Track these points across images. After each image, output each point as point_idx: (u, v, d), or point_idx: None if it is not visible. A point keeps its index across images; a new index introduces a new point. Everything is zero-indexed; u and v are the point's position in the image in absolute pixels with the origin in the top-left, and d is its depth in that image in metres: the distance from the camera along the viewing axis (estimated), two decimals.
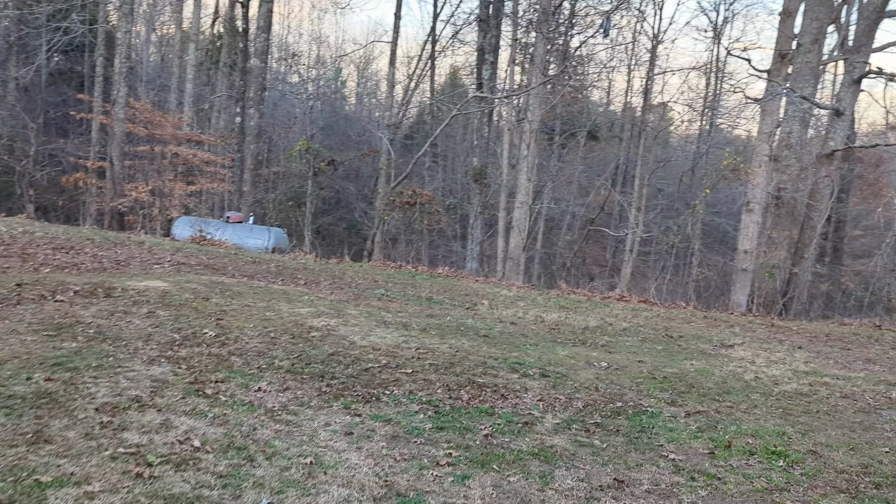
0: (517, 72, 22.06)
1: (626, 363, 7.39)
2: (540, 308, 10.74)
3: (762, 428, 5.52)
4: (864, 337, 11.20)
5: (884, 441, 5.53)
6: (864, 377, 7.89)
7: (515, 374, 6.43)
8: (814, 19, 16.20)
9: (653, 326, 10.10)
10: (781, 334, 10.68)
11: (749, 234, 18.35)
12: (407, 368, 6.24)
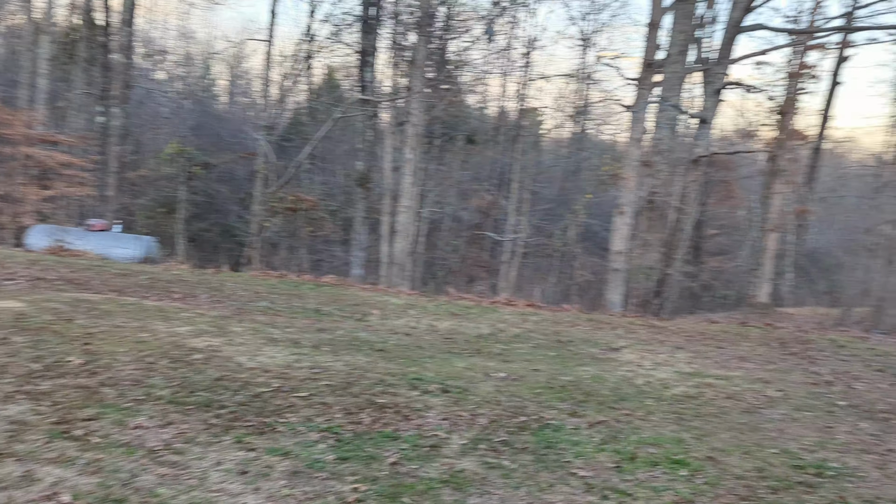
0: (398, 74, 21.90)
1: (524, 372, 7.36)
2: (431, 316, 10.59)
3: (661, 436, 5.61)
4: (733, 334, 11.87)
5: (770, 441, 5.78)
6: (741, 376, 8.29)
7: (416, 392, 6.21)
8: (680, 31, 17.09)
9: (542, 331, 10.19)
10: (661, 335, 11.09)
11: (621, 236, 19.13)
12: (301, 391, 5.87)
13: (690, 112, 16.28)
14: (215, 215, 26.02)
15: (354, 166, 19.41)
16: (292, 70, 23.38)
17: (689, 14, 17.03)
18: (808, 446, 5.71)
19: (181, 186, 18.61)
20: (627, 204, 18.57)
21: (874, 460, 5.54)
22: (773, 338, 11.82)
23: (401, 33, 18.58)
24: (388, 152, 19.87)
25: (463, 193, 25.18)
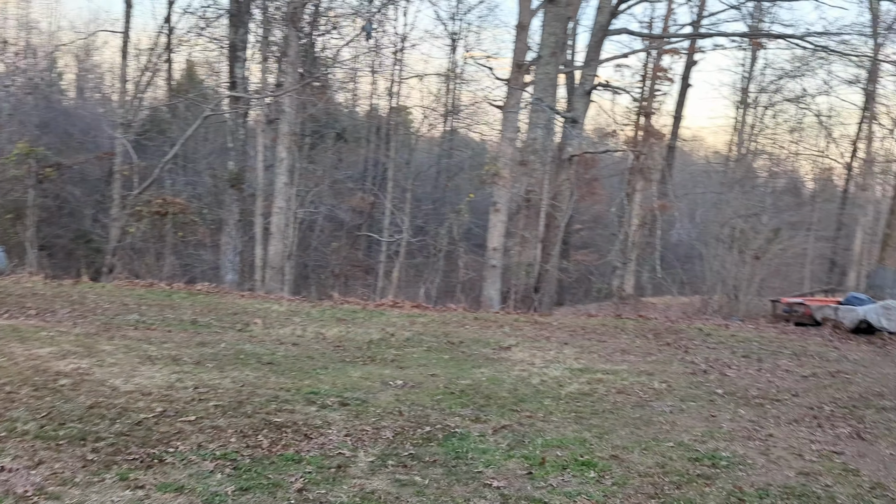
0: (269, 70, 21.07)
1: (421, 378, 7.23)
2: (317, 323, 10.24)
3: (564, 437, 5.65)
4: (612, 327, 12.35)
5: (665, 435, 5.97)
6: (626, 369, 8.59)
7: (313, 407, 5.91)
8: (550, 34, 17.60)
9: (433, 333, 10.12)
10: (546, 331, 11.34)
11: (497, 233, 19.54)
12: (189, 415, 5.42)
13: (564, 113, 16.80)
14: (68, 220, 23.97)
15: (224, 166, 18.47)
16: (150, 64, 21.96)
17: (558, 17, 17.57)
18: (698, 437, 5.95)
19: (30, 190, 16.96)
20: (502, 202, 18.97)
21: (758, 446, 5.85)
22: (647, 329, 12.40)
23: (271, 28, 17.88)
24: (260, 151, 19.10)
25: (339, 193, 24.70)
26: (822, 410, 7.32)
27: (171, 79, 27.49)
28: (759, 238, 18.63)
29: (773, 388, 8.29)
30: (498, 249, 19.19)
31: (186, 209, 17.13)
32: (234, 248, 17.46)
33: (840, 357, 11.25)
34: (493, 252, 19.16)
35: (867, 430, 6.73)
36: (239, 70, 17.00)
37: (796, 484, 5.01)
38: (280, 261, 18.22)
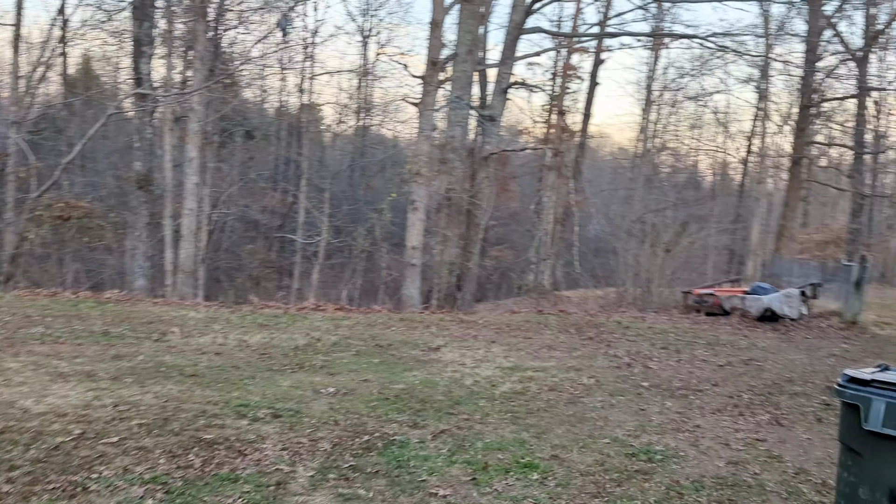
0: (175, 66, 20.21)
1: (353, 385, 7.08)
2: (239, 329, 9.88)
3: (503, 439, 5.65)
4: (535, 323, 12.52)
5: (600, 431, 6.07)
6: (555, 366, 8.71)
7: (245, 421, 5.67)
8: (467, 31, 17.65)
9: (360, 336, 9.95)
10: (472, 329, 11.37)
11: (416, 232, 19.48)
12: (111, 436, 5.08)
13: (482, 111, 16.90)
14: None
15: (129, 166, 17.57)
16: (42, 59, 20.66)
17: (474, 15, 17.64)
18: (632, 432, 6.08)
19: None
20: (420, 200, 18.92)
21: (687, 438, 6.04)
22: (569, 324, 12.64)
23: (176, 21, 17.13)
24: (167, 150, 18.30)
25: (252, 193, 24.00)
26: (741, 399, 7.65)
27: (66, 74, 25.99)
28: (669, 232, 19.35)
29: (693, 378, 8.60)
30: (417, 248, 19.13)
31: (91, 213, 16.20)
32: (143, 252, 16.66)
33: (750, 345, 11.82)
34: (412, 251, 19.08)
35: (784, 415, 7.07)
36: (144, 66, 16.20)
37: (727, 474, 5.19)
38: (192, 264, 17.52)
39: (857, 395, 3.26)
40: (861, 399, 3.25)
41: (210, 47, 17.15)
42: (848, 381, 3.36)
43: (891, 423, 3.15)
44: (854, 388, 3.29)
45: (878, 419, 3.18)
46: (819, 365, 10.33)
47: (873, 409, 3.20)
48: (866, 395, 3.23)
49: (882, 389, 3.23)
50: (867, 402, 3.22)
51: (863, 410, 3.23)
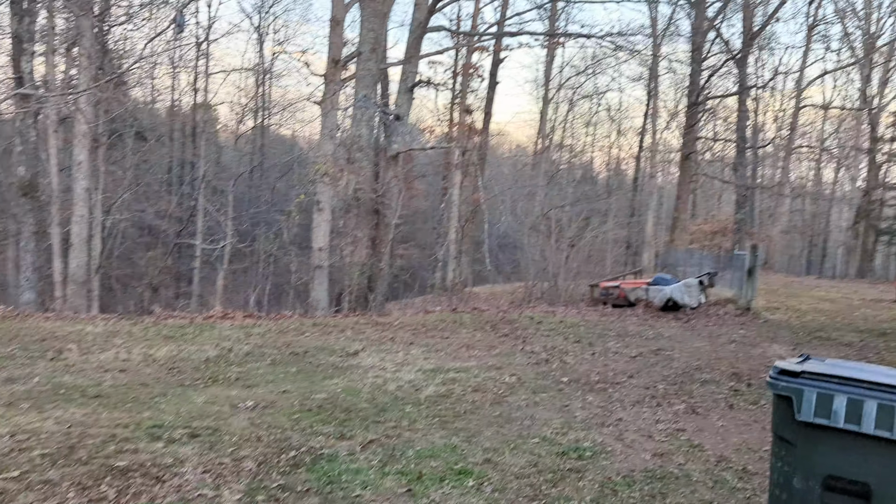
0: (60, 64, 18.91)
1: (272, 397, 6.79)
2: (142, 343, 9.31)
3: (434, 445, 5.55)
4: (451, 322, 12.51)
5: (528, 431, 6.08)
6: (476, 365, 8.70)
7: (160, 443, 5.31)
8: (370, 30, 17.43)
9: (273, 345, 9.61)
10: (388, 332, 11.22)
11: (322, 233, 19.12)
12: (11, 470, 4.63)
13: (389, 110, 16.72)
14: None
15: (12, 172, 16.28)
16: None
17: (376, 13, 17.44)
18: (559, 429, 6.12)
19: None
20: (326, 201, 18.56)
21: (612, 432, 6.15)
22: (484, 322, 12.70)
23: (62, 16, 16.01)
24: (53, 154, 17.12)
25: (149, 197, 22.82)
26: (656, 390, 7.88)
27: None
28: (573, 227, 19.84)
29: (609, 371, 8.80)
30: (324, 250, 18.76)
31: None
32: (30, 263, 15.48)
33: (657, 335, 12.26)
34: (318, 253, 18.69)
35: (698, 404, 7.33)
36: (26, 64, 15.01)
37: (654, 467, 5.31)
38: (84, 274, 16.46)
39: (790, 387, 3.36)
40: (793, 391, 3.35)
41: (97, 44, 16.13)
42: (779, 373, 3.46)
43: (822, 412, 3.27)
44: (786, 381, 3.39)
45: (810, 410, 3.29)
46: (722, 352, 10.82)
47: (805, 400, 3.31)
48: (798, 387, 3.34)
49: (812, 380, 3.35)
50: (799, 393, 3.33)
51: (795, 402, 3.33)
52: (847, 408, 3.22)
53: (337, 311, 15.71)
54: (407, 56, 17.22)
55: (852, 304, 20.39)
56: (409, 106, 17.33)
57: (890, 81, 43.96)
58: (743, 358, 10.32)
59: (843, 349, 11.75)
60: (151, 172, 26.27)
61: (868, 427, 3.16)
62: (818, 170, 52.23)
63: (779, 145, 42.29)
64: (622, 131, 55.69)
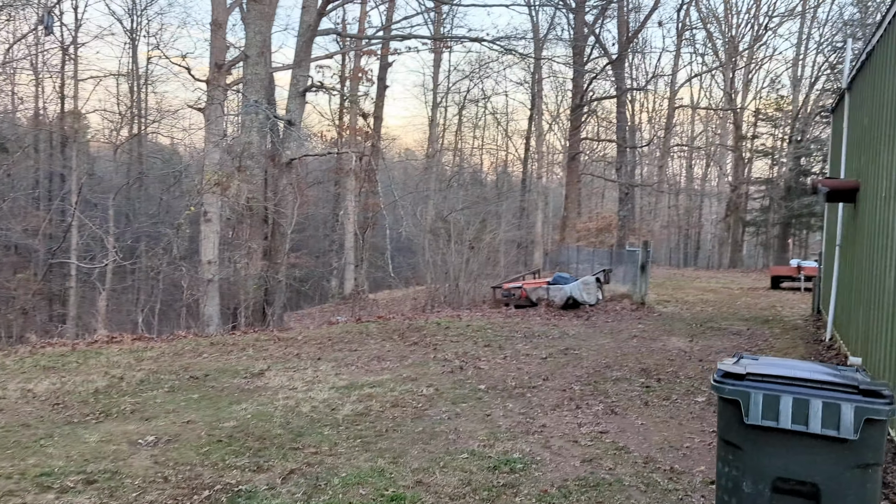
0: None
1: (176, 429, 6.25)
2: (19, 376, 8.41)
3: (360, 470, 5.25)
4: (357, 333, 12.16)
5: (454, 446, 5.87)
6: (390, 378, 8.42)
7: (51, 494, 4.71)
8: (257, 32, 16.75)
9: (169, 369, 8.93)
10: (293, 347, 10.74)
11: (210, 245, 18.21)
12: None
13: (280, 115, 16.10)
14: None
15: None
16: None
17: (263, 15, 16.78)
18: (485, 441, 5.97)
19: None
20: (214, 211, 17.69)
21: (538, 440, 6.05)
22: (390, 331, 12.43)
23: None
24: None
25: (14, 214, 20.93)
26: (573, 391, 7.90)
27: None
28: (471, 229, 19.90)
29: (524, 375, 8.76)
30: (213, 263, 17.86)
31: None
32: None
33: (562, 334, 12.41)
34: (208, 266, 17.78)
35: (615, 403, 7.39)
36: None
37: (586, 474, 5.24)
38: None
39: (736, 391, 3.33)
40: (740, 394, 3.32)
41: None
42: (723, 376, 3.43)
43: (770, 414, 3.26)
44: (732, 384, 3.36)
45: (757, 412, 3.27)
46: (626, 347, 11.08)
47: (752, 403, 3.28)
48: (744, 390, 3.31)
49: (758, 382, 3.33)
50: (746, 396, 3.30)
51: (743, 405, 3.30)
52: (793, 408, 3.22)
53: (233, 327, 14.96)
54: (297, 60, 16.65)
55: (733, 294, 21.63)
56: (301, 111, 16.77)
57: (751, 83, 47.25)
58: (647, 353, 10.60)
59: (735, 338, 12.33)
60: (17, 187, 24.10)
61: (815, 426, 3.17)
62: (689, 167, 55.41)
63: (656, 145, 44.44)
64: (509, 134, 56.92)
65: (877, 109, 8.42)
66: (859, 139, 9.88)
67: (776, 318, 15.27)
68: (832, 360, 10.01)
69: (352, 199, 28.45)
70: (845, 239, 10.93)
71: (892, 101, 7.34)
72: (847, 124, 11.29)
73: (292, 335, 11.93)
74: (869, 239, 8.17)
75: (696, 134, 53.90)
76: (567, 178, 33.72)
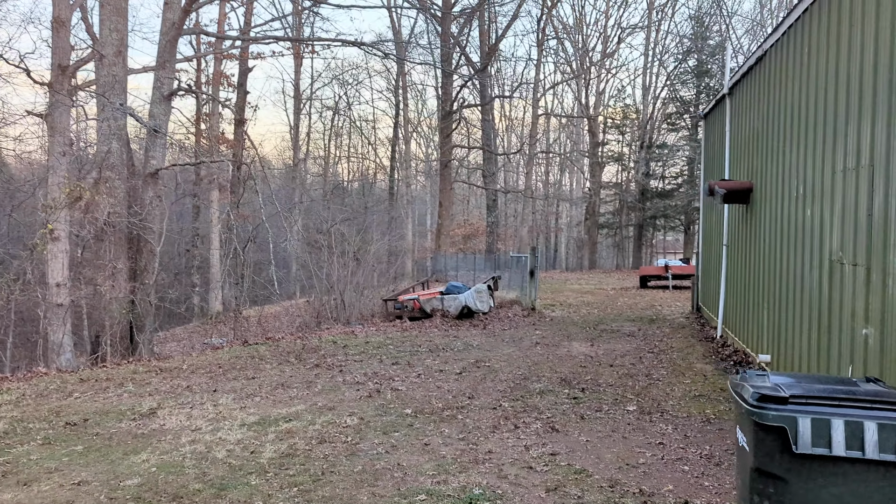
0: None
1: (66, 494, 5.18)
2: None
3: None
4: (248, 358, 11.15)
5: (405, 485, 5.27)
6: (305, 409, 7.64)
7: None
8: (112, 30, 15.16)
9: (37, 416, 7.62)
10: (180, 379, 9.61)
11: (59, 265, 16.30)
12: None
13: (144, 121, 14.60)
14: None
15: None
16: None
17: (119, 10, 15.21)
18: (436, 476, 5.41)
19: None
20: (62, 228, 15.82)
21: (492, 470, 5.58)
22: (285, 353, 11.53)
23: None
24: None
25: None
26: (504, 409, 7.50)
27: None
28: (355, 240, 19.17)
29: (447, 394, 8.27)
30: (63, 285, 15.96)
31: None
32: None
33: (465, 345, 12.05)
34: (56, 290, 15.86)
35: (551, 419, 7.07)
36: None
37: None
38: None
39: (781, 416, 3.02)
40: (786, 420, 3.01)
41: None
42: (761, 400, 3.10)
43: (820, 441, 2.97)
44: (775, 409, 3.04)
45: (807, 440, 2.97)
46: (533, 356, 10.88)
47: (801, 430, 2.98)
48: (791, 415, 3.00)
49: (803, 405, 3.04)
50: (793, 422, 2.99)
51: (790, 432, 2.99)
52: (846, 433, 2.95)
53: (96, 357, 13.34)
54: (160, 61, 15.22)
55: (609, 295, 22.32)
56: (167, 117, 15.34)
57: (603, 93, 49.63)
58: (556, 361, 10.45)
59: (632, 340, 12.52)
60: None
61: (871, 452, 2.91)
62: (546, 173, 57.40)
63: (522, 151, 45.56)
64: (373, 143, 56.41)
65: (774, 112, 8.71)
66: (748, 142, 10.27)
67: (660, 318, 15.78)
68: (732, 358, 10.31)
69: (217, 212, 26.74)
70: (734, 239, 11.35)
71: (796, 102, 7.57)
72: (730, 127, 11.76)
73: (175, 364, 10.72)
74: (775, 238, 8.41)
75: (553, 141, 55.98)
76: (440, 185, 33.66)
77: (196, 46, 33.12)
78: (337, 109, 51.46)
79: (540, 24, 40.44)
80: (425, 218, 58.06)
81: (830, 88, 6.38)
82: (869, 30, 5.48)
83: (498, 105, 48.23)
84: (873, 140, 5.36)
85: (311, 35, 36.06)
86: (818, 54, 6.83)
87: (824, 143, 6.55)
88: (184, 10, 14.89)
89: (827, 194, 6.43)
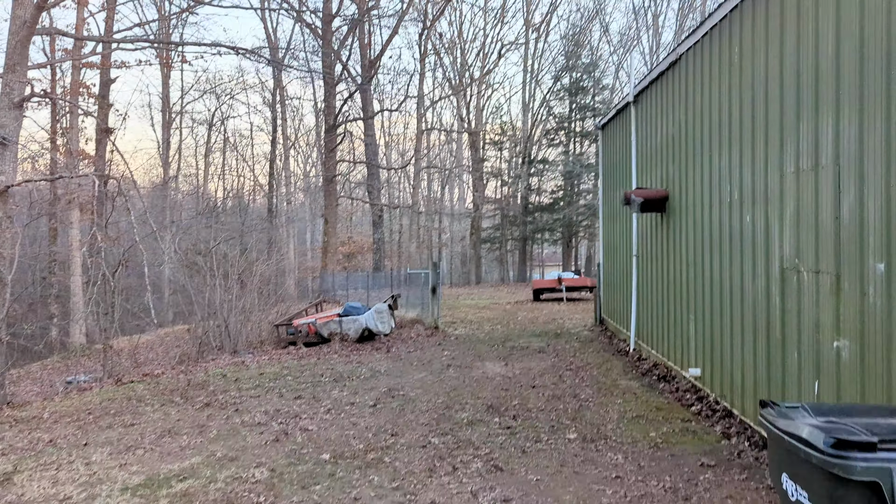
0: None
1: None
2: None
3: None
4: (125, 400, 9.69)
5: None
6: (202, 462, 6.46)
7: None
8: None
9: None
10: (40, 431, 8.08)
11: None
12: None
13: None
14: None
15: None
16: None
17: None
18: None
19: None
20: None
21: None
22: (167, 391, 10.14)
23: None
24: None
25: None
26: (436, 447, 6.66)
27: None
28: (240, 262, 17.72)
29: (365, 432, 7.32)
30: None
31: None
32: None
33: (373, 373, 11.10)
34: None
35: (490, 455, 6.30)
36: None
37: None
38: None
39: (873, 469, 2.38)
40: (878, 472, 2.38)
41: None
42: (840, 447, 2.46)
43: None
44: (863, 458, 2.40)
45: None
46: (449, 380, 10.12)
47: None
48: (884, 466, 2.38)
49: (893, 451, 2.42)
50: (887, 474, 2.37)
51: (885, 487, 2.36)
52: None
53: None
54: (10, 63, 13.27)
55: (506, 310, 21.98)
56: (19, 126, 13.39)
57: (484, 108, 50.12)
58: (475, 385, 9.73)
59: (544, 356, 12.02)
60: None
61: None
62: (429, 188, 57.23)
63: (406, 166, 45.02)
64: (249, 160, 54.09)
65: (693, 117, 8.46)
66: (660, 149, 10.04)
67: (565, 332, 15.47)
68: (653, 372, 9.99)
69: (78, 234, 24.24)
70: (646, 249, 11.11)
71: (724, 105, 7.29)
72: (636, 136, 11.57)
73: (34, 412, 9.08)
74: (702, 247, 8.10)
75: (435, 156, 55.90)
76: (325, 201, 32.39)
77: (51, 53, 30.21)
78: (211, 124, 48.92)
79: (422, 38, 40.17)
80: (305, 236, 56.28)
81: (773, 86, 6.06)
82: (827, 19, 5.15)
83: (379, 121, 47.52)
84: (838, 137, 5.01)
85: (173, 48, 33.84)
86: (753, 52, 6.54)
87: (766, 145, 6.22)
88: (37, 7, 13.08)
89: (774, 198, 6.08)
